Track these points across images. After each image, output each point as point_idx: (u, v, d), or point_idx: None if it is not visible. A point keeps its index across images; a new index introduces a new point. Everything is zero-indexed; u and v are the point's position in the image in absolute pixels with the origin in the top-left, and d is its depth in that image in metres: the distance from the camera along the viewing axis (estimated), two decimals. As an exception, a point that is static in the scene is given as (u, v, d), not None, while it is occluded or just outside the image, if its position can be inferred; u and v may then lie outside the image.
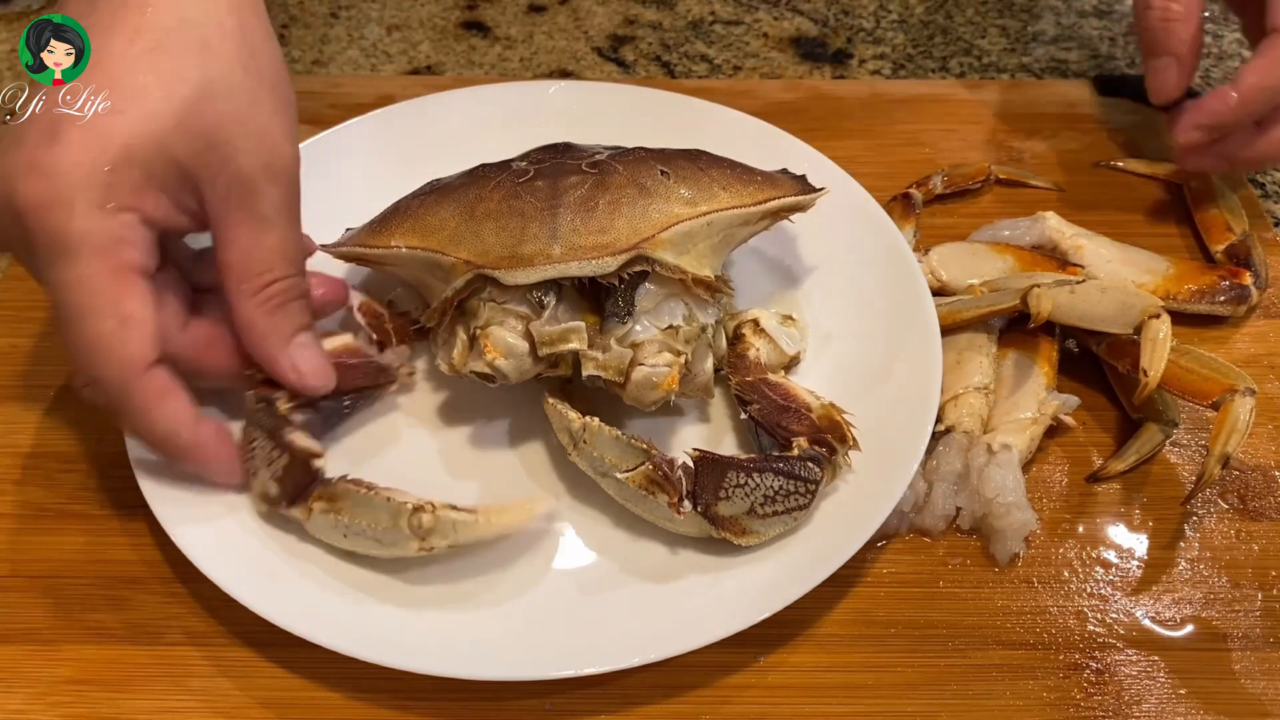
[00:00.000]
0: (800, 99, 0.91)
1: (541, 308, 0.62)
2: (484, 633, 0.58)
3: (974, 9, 1.03)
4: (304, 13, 1.02)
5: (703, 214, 0.64)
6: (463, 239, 0.63)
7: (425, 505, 0.57)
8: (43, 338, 0.74)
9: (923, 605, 0.62)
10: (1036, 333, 0.70)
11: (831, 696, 0.59)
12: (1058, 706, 0.58)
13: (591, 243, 0.61)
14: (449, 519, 0.57)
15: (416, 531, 0.57)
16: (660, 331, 0.63)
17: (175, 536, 0.59)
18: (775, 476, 0.59)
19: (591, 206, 0.62)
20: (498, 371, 0.62)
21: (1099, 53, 0.98)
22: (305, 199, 0.75)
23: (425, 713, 0.58)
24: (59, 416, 0.70)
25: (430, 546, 0.58)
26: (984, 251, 0.75)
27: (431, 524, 0.57)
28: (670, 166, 0.66)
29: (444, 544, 0.58)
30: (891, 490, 0.61)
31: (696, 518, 0.59)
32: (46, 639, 0.61)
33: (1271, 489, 0.67)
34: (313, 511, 0.59)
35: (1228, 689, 0.59)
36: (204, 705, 0.58)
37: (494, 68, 0.97)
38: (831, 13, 1.02)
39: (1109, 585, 0.63)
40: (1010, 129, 0.89)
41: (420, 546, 0.58)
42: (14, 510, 0.66)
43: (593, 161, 0.66)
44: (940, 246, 0.76)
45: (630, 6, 1.03)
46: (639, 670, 0.57)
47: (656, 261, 0.62)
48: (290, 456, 0.59)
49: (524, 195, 0.63)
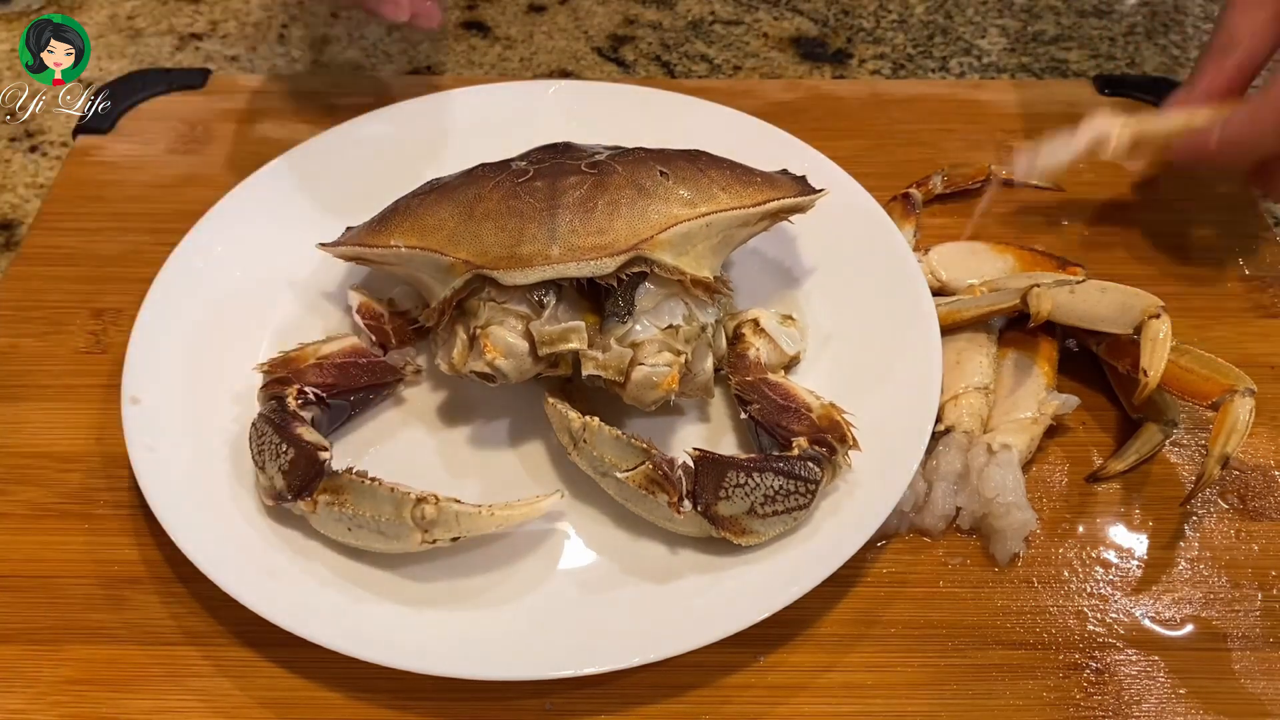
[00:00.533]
0: (800, 99, 0.91)
1: (541, 307, 0.62)
2: (484, 633, 0.59)
3: (974, 9, 1.03)
4: (304, 13, 1.02)
5: (702, 215, 0.64)
6: (461, 239, 0.63)
7: (429, 497, 0.57)
8: (42, 337, 0.74)
9: (923, 605, 0.62)
10: (1036, 332, 0.70)
11: (831, 696, 0.59)
12: (1058, 706, 0.58)
13: (590, 243, 0.61)
14: (452, 511, 0.57)
15: (420, 523, 0.57)
16: (660, 331, 0.63)
17: (175, 536, 0.59)
18: (775, 476, 0.59)
19: (590, 207, 0.62)
20: (498, 371, 0.62)
21: (1099, 53, 0.98)
22: (305, 199, 0.75)
23: (425, 713, 0.58)
24: (59, 416, 0.70)
25: (433, 539, 0.58)
26: (984, 251, 0.75)
27: (434, 515, 0.57)
28: (669, 167, 0.66)
29: (447, 537, 0.58)
30: (891, 490, 0.61)
31: (696, 517, 0.59)
32: (46, 639, 0.61)
33: (1271, 489, 0.67)
34: (318, 504, 0.59)
35: (1228, 689, 0.59)
36: (204, 705, 0.58)
37: (494, 68, 0.97)
38: (831, 13, 1.02)
39: (1109, 585, 0.63)
40: (1010, 129, 0.88)
41: (423, 539, 0.58)
42: (14, 510, 0.66)
43: (592, 162, 0.66)
44: (940, 246, 0.76)
45: (630, 6, 1.03)
46: (639, 670, 0.57)
47: (655, 262, 0.62)
48: (297, 451, 0.60)
49: (523, 195, 0.63)
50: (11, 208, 0.85)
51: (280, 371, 0.65)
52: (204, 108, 0.90)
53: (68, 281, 0.77)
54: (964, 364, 0.68)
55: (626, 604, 0.60)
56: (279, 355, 0.66)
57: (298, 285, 0.73)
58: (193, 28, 1.00)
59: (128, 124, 0.88)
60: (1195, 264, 0.79)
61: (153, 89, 0.91)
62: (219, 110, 0.89)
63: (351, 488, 0.59)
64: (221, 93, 0.91)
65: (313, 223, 0.70)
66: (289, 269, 0.74)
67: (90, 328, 0.75)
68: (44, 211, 0.82)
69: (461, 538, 0.58)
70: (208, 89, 0.91)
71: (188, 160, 0.86)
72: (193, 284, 0.71)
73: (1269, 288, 0.77)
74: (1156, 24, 1.01)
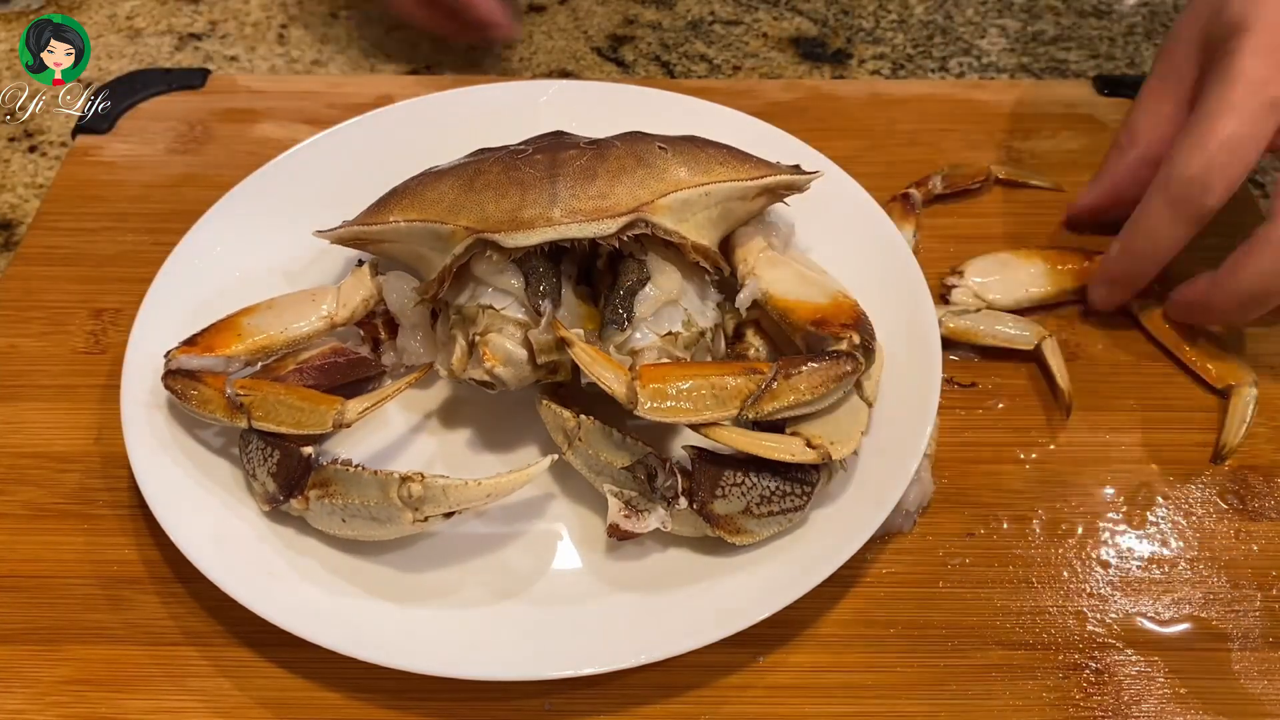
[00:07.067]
0: (800, 99, 0.91)
1: (540, 315, 0.62)
2: (484, 632, 0.59)
3: (974, 9, 1.03)
4: (304, 13, 1.02)
5: (701, 184, 0.64)
6: (462, 208, 0.63)
7: (414, 476, 0.57)
8: (42, 337, 0.74)
9: (923, 605, 0.62)
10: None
11: (831, 696, 0.59)
12: (1057, 706, 0.58)
13: (591, 206, 0.61)
14: (439, 485, 0.57)
15: (408, 502, 0.57)
16: (660, 338, 0.63)
17: (175, 536, 0.59)
18: (772, 477, 0.59)
19: (591, 175, 0.63)
20: (497, 379, 0.62)
21: (1099, 53, 0.98)
22: (305, 199, 0.75)
23: (425, 713, 0.58)
24: (59, 416, 0.70)
25: (424, 516, 0.58)
26: (1013, 261, 0.77)
27: (421, 492, 0.57)
28: (668, 144, 0.66)
29: (438, 512, 0.58)
30: (891, 490, 0.61)
31: (692, 515, 0.59)
32: (46, 639, 0.61)
33: (1271, 489, 0.67)
34: (310, 500, 0.59)
35: (1227, 689, 0.59)
36: (203, 705, 0.58)
37: (493, 68, 0.97)
38: (831, 13, 1.02)
39: (1109, 585, 0.63)
40: (1010, 129, 0.88)
41: (414, 518, 0.58)
42: (14, 510, 0.66)
43: (591, 140, 0.66)
44: (971, 265, 0.76)
45: (630, 6, 1.03)
46: (639, 670, 0.57)
47: (656, 225, 0.62)
48: (282, 451, 0.60)
49: (523, 167, 0.64)
50: (11, 208, 0.85)
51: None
52: (203, 108, 0.90)
53: (67, 281, 0.77)
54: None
55: (626, 604, 0.60)
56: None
57: (297, 285, 0.73)
58: (192, 28, 1.00)
59: (127, 124, 0.88)
60: (1195, 264, 0.79)
61: (152, 89, 0.91)
62: (218, 110, 0.89)
63: (339, 478, 0.59)
64: (221, 93, 0.91)
65: (312, 223, 0.70)
66: (288, 269, 0.74)
67: (89, 328, 0.75)
68: (43, 211, 0.82)
69: (456, 513, 0.58)
70: (207, 89, 0.91)
71: (187, 160, 0.86)
72: (192, 284, 0.71)
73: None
74: (1156, 24, 1.01)
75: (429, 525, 0.59)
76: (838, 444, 0.59)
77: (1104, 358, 0.74)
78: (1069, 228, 0.81)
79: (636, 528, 0.58)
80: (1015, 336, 0.72)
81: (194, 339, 0.65)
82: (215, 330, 0.65)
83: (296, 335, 0.66)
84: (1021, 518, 0.66)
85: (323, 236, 0.69)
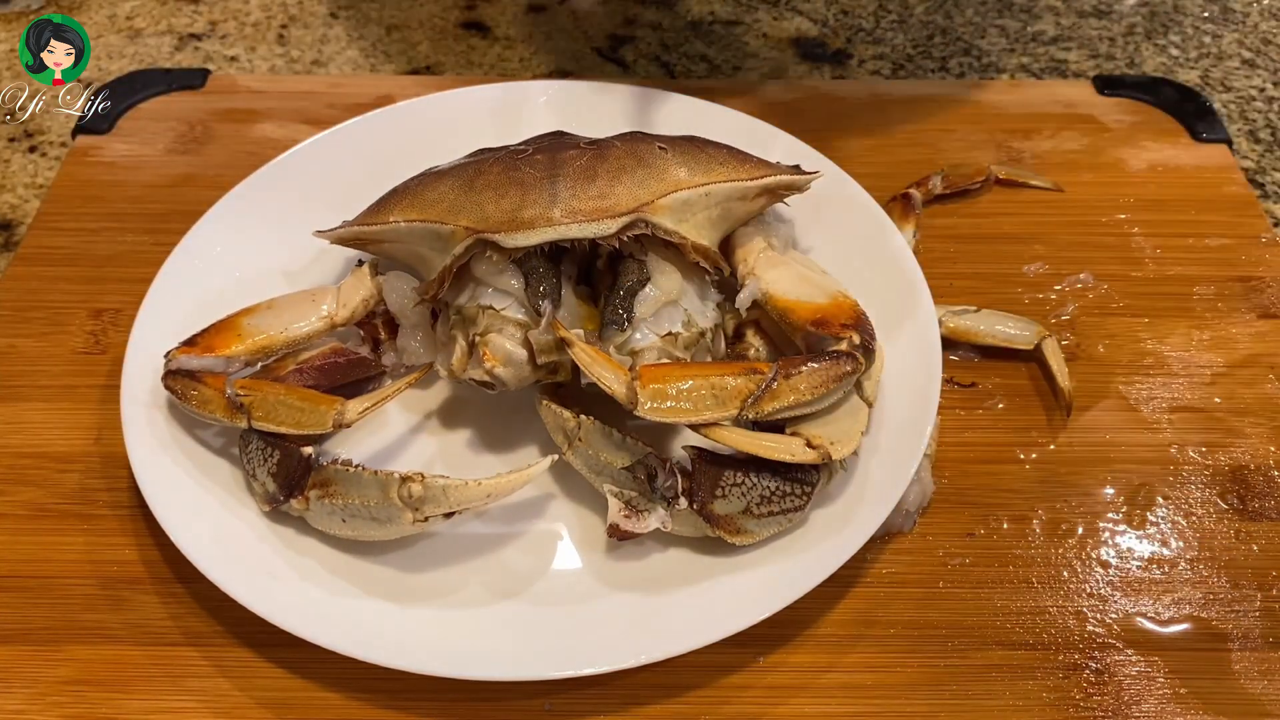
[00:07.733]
0: (800, 99, 0.91)
1: (540, 315, 0.62)
2: (484, 633, 0.59)
3: (974, 9, 1.03)
4: (304, 13, 1.02)
5: (701, 184, 0.64)
6: (462, 208, 0.63)
7: (414, 476, 0.58)
8: (42, 337, 0.74)
9: (923, 605, 0.62)
10: None
11: (831, 696, 0.59)
12: (1057, 707, 0.58)
13: (591, 206, 0.62)
14: (439, 485, 0.57)
15: (408, 502, 0.57)
16: (660, 339, 0.63)
17: (175, 536, 0.59)
18: (772, 477, 0.59)
19: (591, 175, 0.63)
20: (497, 379, 0.62)
21: (1099, 53, 0.98)
22: (304, 199, 0.75)
23: (425, 713, 0.58)
24: (58, 417, 0.70)
25: (424, 516, 0.58)
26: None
27: (421, 492, 0.57)
28: (668, 144, 0.66)
29: (439, 512, 0.58)
30: (891, 490, 0.61)
31: (692, 515, 0.59)
32: (46, 639, 0.61)
33: (1271, 489, 0.67)
34: (310, 500, 0.59)
35: (1227, 689, 0.59)
36: (203, 705, 0.58)
37: (493, 68, 0.97)
38: (831, 13, 1.02)
39: (1109, 585, 0.63)
40: (1010, 129, 0.88)
41: (414, 518, 0.58)
42: (14, 510, 0.66)
43: (591, 141, 0.66)
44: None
45: (630, 6, 1.03)
46: (639, 670, 0.57)
47: (656, 225, 0.62)
48: (282, 451, 0.60)
49: (523, 167, 0.64)
50: (11, 208, 0.85)
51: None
52: (203, 108, 0.90)
53: (67, 282, 0.77)
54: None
55: (626, 604, 0.60)
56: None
57: (297, 285, 0.73)
58: (192, 28, 1.00)
59: (127, 124, 0.88)
60: (1195, 264, 0.79)
61: (152, 89, 0.91)
62: (218, 110, 0.89)
63: (339, 478, 0.59)
64: (221, 93, 0.91)
65: (312, 223, 0.70)
66: (288, 269, 0.74)
67: (89, 328, 0.75)
68: (43, 212, 0.82)
69: (456, 513, 0.58)
70: (207, 89, 0.91)
71: (187, 160, 0.86)
72: (192, 284, 0.71)
73: (1269, 288, 0.77)
74: (1156, 24, 1.01)
75: (429, 525, 0.59)
76: (838, 444, 0.59)
77: (1104, 358, 0.74)
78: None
79: (636, 528, 0.58)
80: (1015, 336, 0.72)
81: (194, 339, 0.65)
82: (215, 330, 0.65)
83: (296, 335, 0.66)
84: (1021, 518, 0.66)
85: (323, 236, 0.69)
